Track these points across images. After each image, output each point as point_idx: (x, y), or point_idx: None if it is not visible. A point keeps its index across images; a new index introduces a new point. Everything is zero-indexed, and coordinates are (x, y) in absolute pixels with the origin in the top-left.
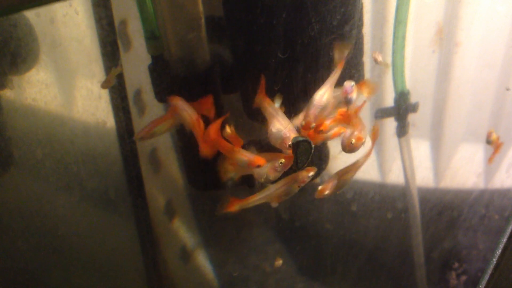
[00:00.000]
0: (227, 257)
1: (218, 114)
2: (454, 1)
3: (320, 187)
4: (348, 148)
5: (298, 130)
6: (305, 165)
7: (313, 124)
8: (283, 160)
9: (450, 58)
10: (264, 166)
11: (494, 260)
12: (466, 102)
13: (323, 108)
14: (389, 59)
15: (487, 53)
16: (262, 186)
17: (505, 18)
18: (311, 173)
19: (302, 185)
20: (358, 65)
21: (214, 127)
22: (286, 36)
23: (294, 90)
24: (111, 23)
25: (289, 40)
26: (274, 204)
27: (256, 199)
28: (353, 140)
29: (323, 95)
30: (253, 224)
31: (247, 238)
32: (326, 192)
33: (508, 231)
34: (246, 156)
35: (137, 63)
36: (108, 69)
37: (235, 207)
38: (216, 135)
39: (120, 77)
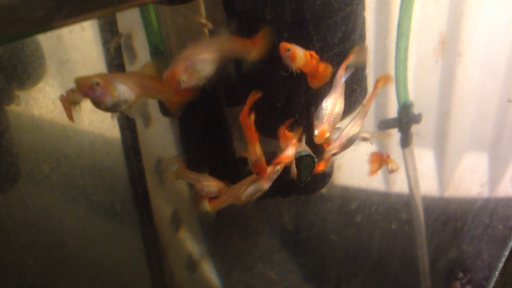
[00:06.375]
0: (233, 266)
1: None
2: (456, 12)
3: None
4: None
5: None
6: (308, 180)
7: (328, 134)
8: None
9: (453, 68)
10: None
11: (498, 269)
12: (469, 112)
13: (336, 117)
14: (392, 71)
15: (490, 63)
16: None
17: (506, 29)
18: (278, 168)
19: (271, 180)
20: (361, 79)
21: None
22: None
23: (296, 107)
24: (117, 47)
25: None
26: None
27: (224, 199)
28: None
29: (335, 103)
30: (258, 233)
31: (253, 247)
32: None
33: None
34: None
35: None
36: None
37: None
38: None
39: None
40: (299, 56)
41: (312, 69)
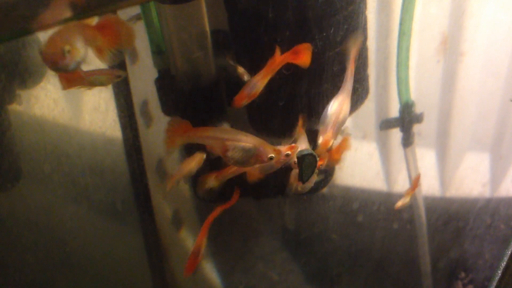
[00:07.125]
0: (235, 267)
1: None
2: (458, 12)
3: None
4: None
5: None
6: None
7: (333, 141)
8: None
9: (454, 67)
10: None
11: (500, 269)
12: (471, 111)
13: (341, 123)
14: (393, 70)
15: (492, 62)
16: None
17: (508, 28)
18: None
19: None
20: (363, 78)
21: None
22: None
23: (297, 106)
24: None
25: None
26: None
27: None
28: None
29: (341, 106)
30: (260, 233)
31: (254, 247)
32: None
33: None
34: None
35: (143, 75)
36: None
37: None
38: None
39: (127, 90)
40: (255, 90)
41: (289, 61)
